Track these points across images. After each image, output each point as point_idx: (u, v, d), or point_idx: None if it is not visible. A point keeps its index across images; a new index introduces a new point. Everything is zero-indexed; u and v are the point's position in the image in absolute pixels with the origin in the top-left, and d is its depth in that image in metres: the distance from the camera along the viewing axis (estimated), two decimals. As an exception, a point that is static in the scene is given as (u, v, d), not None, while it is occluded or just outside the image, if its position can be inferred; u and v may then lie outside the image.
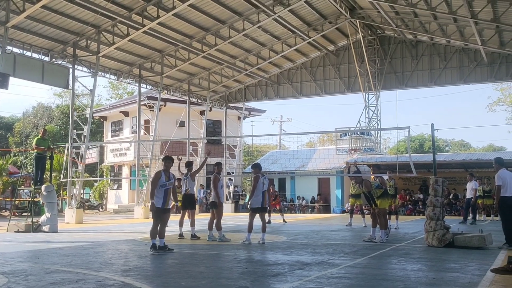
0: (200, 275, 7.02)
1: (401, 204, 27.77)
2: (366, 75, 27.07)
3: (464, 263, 8.15)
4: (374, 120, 27.65)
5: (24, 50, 19.80)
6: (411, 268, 7.70)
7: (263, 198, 10.81)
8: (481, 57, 24.46)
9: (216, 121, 34.42)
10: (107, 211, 31.67)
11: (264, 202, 10.87)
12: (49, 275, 6.97)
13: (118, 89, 51.88)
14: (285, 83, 29.92)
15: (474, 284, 6.30)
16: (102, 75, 23.83)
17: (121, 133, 35.11)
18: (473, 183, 18.97)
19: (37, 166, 16.26)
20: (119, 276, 6.94)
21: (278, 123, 56.25)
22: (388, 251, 9.84)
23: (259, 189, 10.78)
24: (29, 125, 44.71)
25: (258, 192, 10.79)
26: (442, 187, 11.08)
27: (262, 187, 10.81)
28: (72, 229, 16.25)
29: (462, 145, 65.04)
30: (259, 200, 10.80)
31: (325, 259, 8.67)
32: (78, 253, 9.75)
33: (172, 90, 27.73)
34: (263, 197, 10.83)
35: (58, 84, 21.43)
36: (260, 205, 10.83)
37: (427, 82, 26.71)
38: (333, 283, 6.44)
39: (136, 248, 10.69)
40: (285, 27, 23.78)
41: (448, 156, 33.12)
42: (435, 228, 10.50)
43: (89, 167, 31.77)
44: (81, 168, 21.67)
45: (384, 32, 27.10)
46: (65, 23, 19.41)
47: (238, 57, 26.51)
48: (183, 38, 22.72)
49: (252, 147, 49.55)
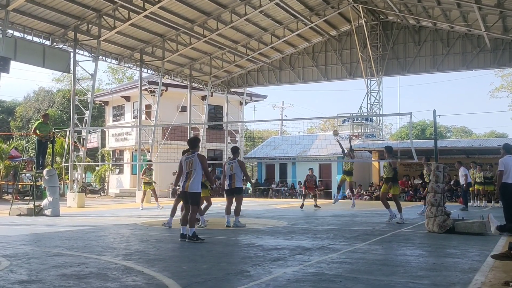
0: (201, 259, 7.06)
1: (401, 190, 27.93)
2: (368, 60, 26.94)
3: (464, 249, 8.17)
4: (376, 106, 27.59)
5: (25, 34, 19.71)
6: (411, 254, 7.73)
7: (230, 181, 11.48)
8: (484, 43, 24.31)
9: (218, 106, 34.36)
10: (108, 195, 31.78)
11: (232, 184, 11.47)
12: (51, 258, 7.01)
13: (118, 74, 51.72)
14: (287, 69, 29.79)
15: (474, 270, 6.32)
16: (103, 60, 23.76)
17: (122, 117, 35.09)
18: (462, 169, 18.89)
19: (39, 150, 16.29)
20: (121, 260, 6.97)
21: (280, 109, 56.20)
22: (388, 237, 9.88)
23: (225, 173, 11.63)
24: (31, 110, 44.68)
25: (226, 176, 11.62)
26: (443, 173, 11.09)
27: (229, 170, 11.49)
28: (74, 213, 16.31)
29: (464, 131, 64.96)
30: (227, 183, 11.57)
31: (325, 244, 8.70)
32: (80, 237, 9.80)
33: (174, 75, 27.64)
34: (230, 180, 11.47)
35: (59, 68, 21.42)
36: (228, 188, 11.54)
37: (430, 68, 26.58)
38: (334, 267, 6.47)
39: (138, 232, 10.73)
40: (287, 12, 23.61)
41: (450, 142, 33.13)
42: (435, 214, 10.52)
43: (90, 152, 31.83)
44: (83, 153, 21.68)
45: (386, 17, 26.91)
46: (66, 6, 19.29)
47: (240, 42, 26.37)
48: (185, 23, 22.59)
49: (253, 133, 49.54)
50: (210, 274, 6.00)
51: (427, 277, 5.88)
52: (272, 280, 5.71)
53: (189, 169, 8.84)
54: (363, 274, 6.06)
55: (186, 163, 8.91)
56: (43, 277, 5.75)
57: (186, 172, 8.88)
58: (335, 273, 6.08)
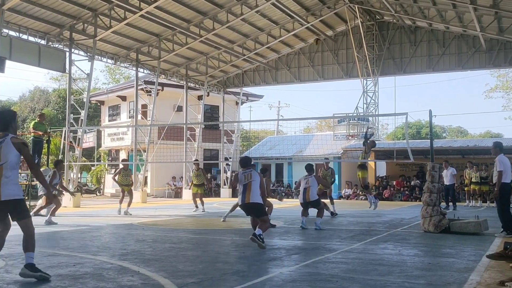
0: (197, 259, 7.06)
1: (397, 190, 28.00)
2: (364, 61, 26.97)
3: (459, 249, 8.20)
4: (372, 106, 27.61)
5: (21, 33, 19.62)
6: (407, 254, 7.76)
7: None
8: (480, 44, 24.36)
9: (214, 106, 34.34)
10: (104, 195, 31.71)
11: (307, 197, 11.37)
12: (47, 259, 6.99)
13: (115, 74, 51.64)
14: (283, 69, 29.80)
15: (469, 269, 6.34)
16: (99, 59, 23.68)
17: (118, 117, 35.01)
18: (451, 169, 18.87)
19: (34, 150, 16.25)
20: (117, 260, 6.96)
21: (276, 109, 56.22)
22: (384, 237, 9.90)
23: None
24: (26, 109, 44.54)
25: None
26: (439, 173, 11.14)
27: (305, 184, 11.49)
28: (70, 213, 16.27)
29: (459, 131, 65.16)
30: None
31: (321, 244, 8.71)
32: (76, 237, 9.78)
33: (170, 74, 27.60)
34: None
35: (55, 67, 21.35)
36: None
37: (425, 68, 26.63)
38: (330, 267, 6.48)
39: (134, 232, 10.72)
40: (283, 12, 23.60)
41: (446, 142, 33.24)
42: (431, 214, 10.56)
43: (86, 152, 31.74)
44: (79, 152, 21.63)
45: (382, 18, 26.94)
46: (62, 6, 19.22)
47: (236, 42, 26.36)
48: (181, 22, 22.56)
49: (249, 133, 49.53)
50: (206, 274, 6.00)
51: (423, 277, 5.89)
52: (268, 280, 5.71)
53: (247, 180, 8.36)
54: (359, 274, 6.07)
55: (244, 176, 8.43)
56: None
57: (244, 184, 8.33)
58: (331, 273, 6.09)
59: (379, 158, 28.98)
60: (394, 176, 29.59)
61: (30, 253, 5.79)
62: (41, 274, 5.59)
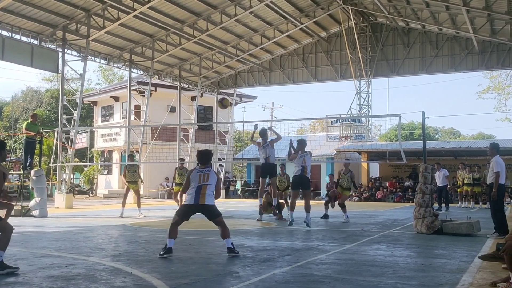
0: (190, 261, 7.04)
1: (389, 191, 28.09)
2: (358, 62, 27.05)
3: (452, 250, 8.23)
4: (365, 107, 27.72)
5: (13, 33, 19.53)
6: (400, 255, 7.78)
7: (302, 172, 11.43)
8: (473, 45, 24.51)
9: (207, 107, 34.30)
10: (97, 196, 31.58)
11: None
12: (39, 260, 6.95)
13: (108, 74, 51.44)
14: (277, 70, 29.83)
15: (462, 270, 6.37)
16: (92, 60, 23.61)
17: (111, 118, 34.89)
18: (443, 171, 19.10)
19: (27, 151, 16.16)
20: (109, 261, 6.94)
21: (270, 110, 56.20)
22: (377, 238, 9.92)
23: None
24: (18, 109, 44.30)
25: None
26: (432, 174, 11.18)
27: (301, 162, 11.48)
28: (62, 214, 16.19)
29: (452, 133, 65.45)
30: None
31: (314, 245, 8.72)
32: (68, 238, 9.73)
33: (163, 75, 27.55)
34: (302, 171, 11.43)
35: (48, 68, 21.29)
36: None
37: (419, 70, 26.74)
38: (323, 268, 6.49)
39: (126, 234, 10.68)
40: (277, 13, 23.63)
41: (438, 143, 33.37)
42: (424, 215, 10.59)
43: (79, 152, 31.61)
44: (71, 153, 21.54)
45: (376, 19, 27.04)
46: (55, 6, 19.15)
47: (230, 42, 26.35)
48: (174, 23, 22.53)
49: (243, 133, 49.51)
50: (199, 275, 5.98)
51: (416, 278, 5.91)
52: (261, 281, 5.71)
53: (203, 182, 7.52)
54: (352, 275, 6.08)
55: (200, 176, 7.56)
56: (30, 278, 5.70)
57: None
58: (324, 274, 6.10)
59: (372, 159, 29.06)
60: (387, 177, 29.68)
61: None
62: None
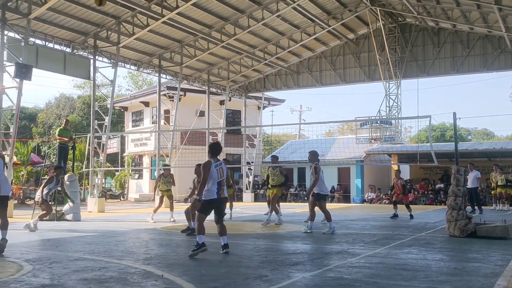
0: (220, 264, 7.08)
1: (421, 194, 27.63)
2: (387, 63, 26.75)
3: (486, 253, 8.06)
4: (394, 109, 27.35)
5: (46, 41, 20.01)
6: (432, 258, 7.65)
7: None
8: (505, 44, 23.94)
9: (236, 111, 34.46)
10: (128, 200, 32.05)
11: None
12: (73, 263, 7.10)
13: (138, 80, 52.24)
14: (305, 72, 29.75)
15: (496, 274, 6.23)
16: (123, 66, 24.01)
17: (141, 123, 35.41)
18: (475, 172, 18.57)
19: (60, 156, 16.54)
20: (141, 264, 7.04)
21: (298, 113, 56.08)
22: (408, 241, 9.78)
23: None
24: (52, 116, 45.32)
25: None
26: (464, 176, 10.96)
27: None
28: (95, 218, 16.49)
29: (485, 133, 63.98)
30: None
31: (344, 249, 8.66)
32: (101, 241, 9.91)
33: (192, 80, 27.80)
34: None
35: (80, 75, 21.77)
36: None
37: (449, 70, 26.27)
38: (353, 272, 6.44)
39: (157, 237, 10.81)
40: (304, 16, 23.59)
41: (471, 145, 32.65)
42: (456, 218, 10.40)
43: (110, 157, 32.14)
44: (103, 158, 21.93)
45: (405, 20, 26.69)
46: (86, 14, 19.56)
47: (257, 46, 26.42)
48: (202, 28, 22.73)
49: (271, 137, 49.54)
50: (229, 279, 6.01)
51: (448, 282, 5.81)
52: (291, 284, 5.70)
53: (221, 177, 7.89)
54: (382, 279, 6.01)
55: (217, 171, 7.87)
56: (65, 281, 5.83)
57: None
58: (355, 278, 6.05)
59: (402, 161, 28.66)
60: (418, 180, 29.23)
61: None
62: None
